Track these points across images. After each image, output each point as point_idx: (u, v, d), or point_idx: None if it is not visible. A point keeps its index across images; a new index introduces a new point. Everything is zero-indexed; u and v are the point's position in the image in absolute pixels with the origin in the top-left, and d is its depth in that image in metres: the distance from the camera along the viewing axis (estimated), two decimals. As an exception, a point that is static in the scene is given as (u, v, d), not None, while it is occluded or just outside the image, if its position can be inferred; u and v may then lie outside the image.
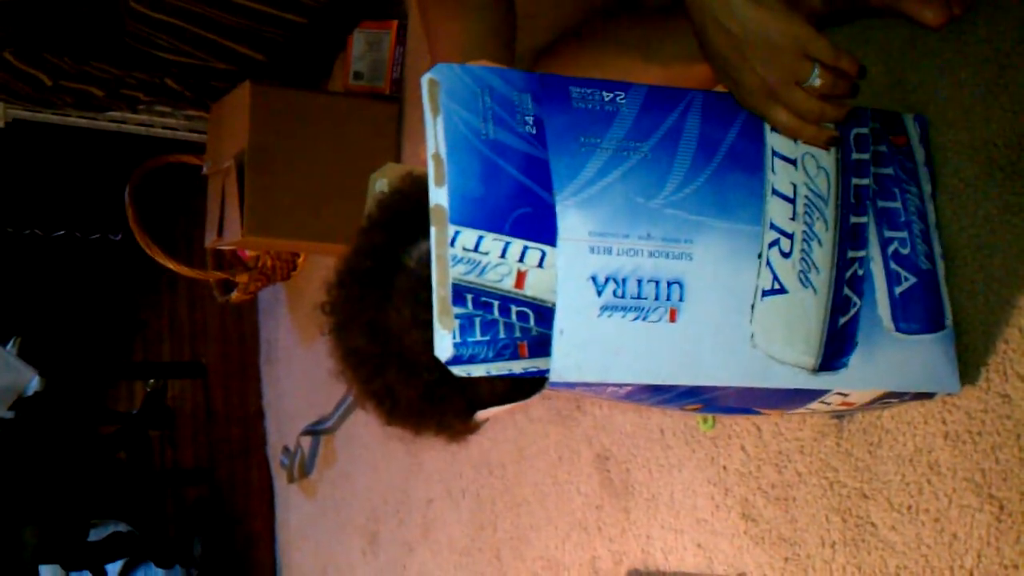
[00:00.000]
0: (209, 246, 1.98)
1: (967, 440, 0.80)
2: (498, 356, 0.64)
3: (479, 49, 0.85)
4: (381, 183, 0.83)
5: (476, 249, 0.64)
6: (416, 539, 1.76)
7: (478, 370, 0.65)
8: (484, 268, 0.64)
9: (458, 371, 0.64)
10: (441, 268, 0.63)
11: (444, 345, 0.63)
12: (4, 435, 3.11)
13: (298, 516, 2.38)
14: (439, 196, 0.64)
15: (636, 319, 0.66)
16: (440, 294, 0.63)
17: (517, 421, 1.44)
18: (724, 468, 1.06)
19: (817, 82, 0.70)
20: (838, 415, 0.91)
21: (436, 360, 0.64)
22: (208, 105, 2.05)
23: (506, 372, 0.66)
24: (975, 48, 0.81)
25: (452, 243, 0.63)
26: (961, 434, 0.81)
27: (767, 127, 0.73)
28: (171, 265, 2.10)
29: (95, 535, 3.40)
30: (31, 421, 3.23)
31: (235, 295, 2.28)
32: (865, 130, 0.78)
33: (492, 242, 0.64)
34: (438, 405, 0.73)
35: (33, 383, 3.37)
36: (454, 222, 0.63)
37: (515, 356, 0.65)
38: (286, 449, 2.38)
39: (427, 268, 0.65)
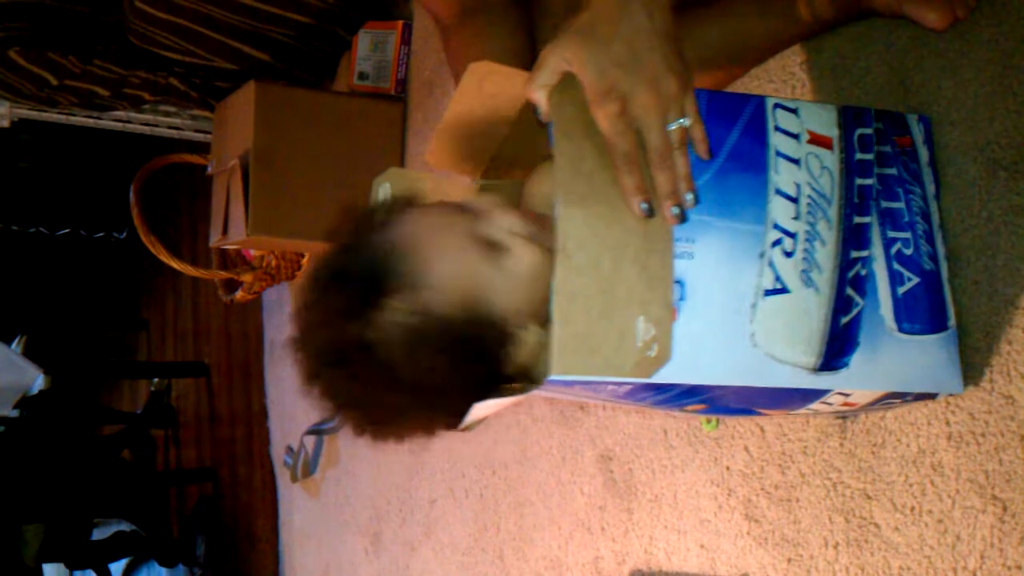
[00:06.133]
0: (214, 245, 1.98)
1: (971, 441, 0.80)
2: None
3: None
4: (384, 188, 0.82)
5: None
6: (419, 539, 1.76)
7: None
8: None
9: None
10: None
11: None
12: (9, 434, 3.12)
13: (301, 515, 2.38)
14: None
15: (638, 318, 0.66)
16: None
17: (520, 421, 1.44)
18: (727, 469, 1.05)
19: None
20: (841, 416, 0.91)
21: (412, 364, 0.65)
22: (213, 105, 2.05)
23: None
24: (979, 49, 0.81)
25: None
26: (964, 435, 0.81)
27: (771, 127, 0.73)
28: (175, 264, 2.09)
29: (99, 534, 3.41)
30: (35, 420, 3.24)
31: (239, 295, 2.28)
32: (869, 130, 0.78)
33: None
34: (420, 409, 0.73)
35: (38, 382, 3.38)
36: None
37: None
38: (289, 448, 2.38)
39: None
